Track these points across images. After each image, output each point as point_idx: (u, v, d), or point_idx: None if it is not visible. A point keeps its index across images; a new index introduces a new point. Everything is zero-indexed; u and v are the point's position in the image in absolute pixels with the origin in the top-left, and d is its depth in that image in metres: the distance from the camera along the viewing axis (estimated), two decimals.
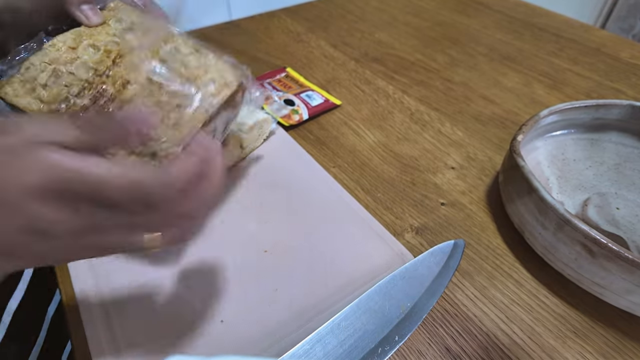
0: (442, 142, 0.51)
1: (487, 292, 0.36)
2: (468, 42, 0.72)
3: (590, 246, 0.31)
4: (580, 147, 0.47)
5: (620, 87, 0.60)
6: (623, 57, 0.67)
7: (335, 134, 0.53)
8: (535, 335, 0.33)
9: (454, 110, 0.56)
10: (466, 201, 0.44)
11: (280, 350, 0.31)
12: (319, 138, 0.52)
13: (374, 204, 0.44)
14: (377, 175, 0.47)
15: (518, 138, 0.40)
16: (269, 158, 0.49)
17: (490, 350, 0.32)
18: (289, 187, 0.45)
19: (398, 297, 0.32)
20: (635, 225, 0.39)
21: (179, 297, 0.35)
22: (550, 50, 0.69)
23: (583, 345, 0.32)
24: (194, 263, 0.37)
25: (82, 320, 0.33)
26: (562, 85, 0.61)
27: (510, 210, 0.39)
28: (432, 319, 0.34)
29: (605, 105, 0.44)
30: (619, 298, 0.32)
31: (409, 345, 0.32)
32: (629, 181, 0.44)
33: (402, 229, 0.41)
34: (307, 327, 0.33)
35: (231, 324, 0.33)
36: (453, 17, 0.80)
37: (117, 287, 0.36)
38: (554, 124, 0.45)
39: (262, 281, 0.36)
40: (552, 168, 0.45)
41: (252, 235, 0.40)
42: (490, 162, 0.48)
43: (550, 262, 0.35)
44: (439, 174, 0.47)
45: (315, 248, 0.39)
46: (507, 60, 0.67)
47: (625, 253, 0.29)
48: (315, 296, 0.35)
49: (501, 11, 0.82)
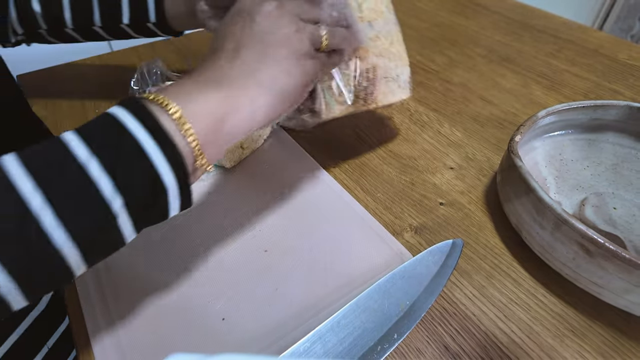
0: (441, 142, 0.52)
1: (485, 291, 0.36)
2: (466, 44, 0.72)
3: (587, 246, 0.31)
4: (578, 147, 0.47)
5: (618, 87, 0.61)
6: (621, 58, 0.67)
7: (335, 134, 0.53)
8: (533, 334, 0.33)
9: (452, 111, 0.57)
10: (465, 201, 0.44)
11: (280, 348, 0.31)
12: (319, 138, 0.52)
13: (373, 204, 0.44)
14: (377, 175, 0.47)
15: (516, 138, 0.40)
16: (269, 158, 0.49)
17: (489, 349, 0.32)
18: (289, 187, 0.45)
19: (397, 295, 0.33)
20: (632, 225, 0.39)
21: (181, 296, 0.35)
22: (548, 52, 0.69)
23: (581, 344, 0.32)
24: (195, 262, 0.38)
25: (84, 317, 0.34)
26: (560, 86, 0.61)
27: (508, 210, 0.39)
28: (430, 318, 0.34)
29: (603, 106, 0.44)
30: (617, 297, 0.32)
31: (407, 343, 0.32)
32: (626, 181, 0.44)
33: (401, 229, 0.41)
34: (307, 325, 0.33)
35: (232, 322, 0.33)
36: (451, 19, 0.81)
37: (119, 287, 0.36)
38: (551, 124, 0.46)
39: (263, 280, 0.36)
40: (549, 168, 0.45)
41: (252, 235, 0.40)
42: (488, 163, 0.49)
43: (548, 261, 0.36)
44: (438, 174, 0.47)
45: (315, 248, 0.39)
46: (505, 61, 0.67)
47: (622, 253, 0.30)
48: (315, 295, 0.35)
49: (499, 12, 0.82)
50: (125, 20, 0.49)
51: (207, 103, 0.27)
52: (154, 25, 0.49)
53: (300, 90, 0.31)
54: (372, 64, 0.40)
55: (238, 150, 0.47)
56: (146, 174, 0.24)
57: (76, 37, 0.51)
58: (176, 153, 0.25)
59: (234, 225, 0.41)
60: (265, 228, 0.41)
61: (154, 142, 0.24)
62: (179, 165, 0.25)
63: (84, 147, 0.23)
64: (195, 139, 0.26)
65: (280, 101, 0.30)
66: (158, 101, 0.25)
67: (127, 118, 0.24)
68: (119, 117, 0.24)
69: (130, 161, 0.24)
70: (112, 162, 0.23)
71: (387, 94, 0.42)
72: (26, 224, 0.21)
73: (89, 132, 0.24)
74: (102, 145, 0.23)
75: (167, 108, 0.25)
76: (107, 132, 0.24)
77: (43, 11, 0.47)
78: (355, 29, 0.35)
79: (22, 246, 0.21)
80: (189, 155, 0.26)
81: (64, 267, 0.23)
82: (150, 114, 0.25)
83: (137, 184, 0.24)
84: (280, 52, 0.29)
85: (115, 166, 0.23)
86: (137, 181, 0.24)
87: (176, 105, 0.25)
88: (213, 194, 0.44)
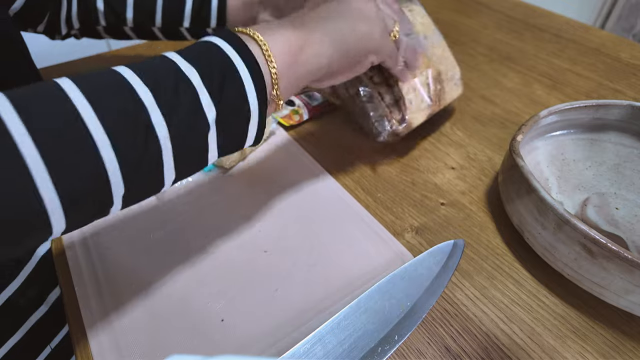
0: (442, 142, 0.51)
1: (486, 292, 0.36)
2: (468, 42, 0.72)
3: (589, 246, 0.31)
4: (580, 147, 0.47)
5: (620, 87, 0.60)
6: (623, 57, 0.67)
7: (336, 134, 0.53)
8: (535, 335, 0.33)
9: (453, 111, 0.57)
10: (466, 201, 0.44)
11: (280, 350, 0.31)
12: (319, 138, 0.52)
13: (374, 204, 0.44)
14: (377, 176, 0.47)
15: (517, 138, 0.40)
16: (269, 158, 0.49)
17: (490, 350, 0.32)
18: (289, 188, 0.45)
19: (398, 296, 0.33)
20: (634, 225, 0.39)
21: (180, 297, 0.35)
22: (550, 51, 0.69)
23: (583, 345, 0.32)
24: (194, 263, 0.38)
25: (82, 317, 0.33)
26: (562, 86, 0.61)
27: (510, 210, 0.39)
28: (431, 319, 0.34)
29: (605, 105, 0.44)
30: (619, 298, 0.32)
31: (408, 344, 0.32)
32: (628, 181, 0.44)
33: (402, 229, 0.41)
34: (307, 326, 0.33)
35: (231, 323, 0.33)
36: (453, 17, 0.80)
37: (118, 287, 0.36)
38: (553, 124, 0.45)
39: (262, 281, 0.36)
40: (551, 168, 0.45)
41: (252, 235, 0.40)
42: (489, 162, 0.48)
43: (550, 262, 0.35)
44: (439, 174, 0.47)
45: (315, 248, 0.39)
46: (507, 60, 0.67)
47: (624, 253, 0.29)
48: (315, 296, 0.35)
49: (501, 11, 0.82)
50: (186, 24, 0.51)
51: (284, 37, 0.31)
52: (212, 30, 0.51)
53: (361, 56, 0.35)
54: (437, 69, 0.47)
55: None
56: (237, 91, 0.28)
57: (132, 36, 0.54)
58: (260, 77, 0.29)
59: (233, 225, 0.41)
60: (265, 228, 0.41)
61: (244, 65, 0.28)
62: (261, 88, 0.29)
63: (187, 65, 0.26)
64: (274, 66, 0.29)
65: (339, 55, 0.33)
66: (249, 33, 0.30)
67: (224, 44, 0.28)
68: (217, 43, 0.28)
69: (225, 80, 0.27)
70: (211, 79, 0.26)
71: (451, 92, 0.49)
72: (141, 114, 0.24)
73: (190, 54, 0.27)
74: (204, 65, 0.27)
75: (255, 37, 0.29)
76: (206, 54, 0.28)
77: (106, 9, 0.50)
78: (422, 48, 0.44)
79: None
80: (268, 83, 0.30)
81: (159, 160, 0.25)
82: (243, 42, 0.29)
83: (230, 100, 0.27)
84: (354, 14, 0.34)
85: (212, 81, 0.26)
86: (230, 97, 0.27)
87: (261, 36, 0.29)
88: (213, 194, 0.44)
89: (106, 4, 0.50)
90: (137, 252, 0.38)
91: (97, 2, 0.49)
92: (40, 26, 0.51)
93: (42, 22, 0.51)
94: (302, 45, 0.31)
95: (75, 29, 0.53)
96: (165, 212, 0.42)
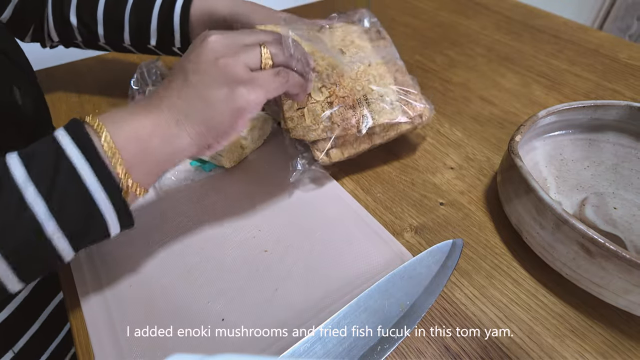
0: (441, 142, 0.52)
1: (485, 291, 0.36)
2: (467, 43, 0.72)
3: (587, 246, 0.31)
4: (578, 147, 0.47)
5: (618, 87, 0.61)
6: (621, 58, 0.67)
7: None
8: (533, 334, 0.33)
9: (452, 111, 0.57)
10: (465, 201, 0.44)
11: (280, 349, 0.31)
12: None
13: (373, 204, 0.44)
14: (377, 175, 0.47)
15: (516, 138, 0.40)
16: (269, 158, 0.49)
17: (489, 349, 0.32)
18: (288, 188, 0.45)
19: (397, 295, 0.33)
20: (632, 225, 0.39)
21: (181, 296, 0.35)
22: (549, 51, 0.69)
23: (581, 344, 0.32)
24: (195, 262, 0.38)
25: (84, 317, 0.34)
26: (560, 86, 0.61)
27: (509, 210, 0.39)
28: (431, 318, 0.34)
29: (603, 105, 0.44)
30: (617, 297, 0.32)
31: (408, 343, 0.32)
32: (626, 181, 0.44)
33: (401, 229, 0.41)
34: (307, 325, 0.33)
35: (232, 323, 0.33)
36: (452, 18, 0.81)
37: (118, 287, 0.36)
38: (552, 124, 0.46)
39: (263, 281, 0.36)
40: (550, 168, 0.45)
41: (252, 235, 0.40)
42: (488, 162, 0.49)
43: (549, 261, 0.36)
44: (438, 174, 0.47)
45: (315, 248, 0.39)
46: (505, 61, 0.67)
47: (622, 252, 0.30)
48: (314, 295, 0.35)
49: (500, 12, 0.82)
50: (152, 43, 0.52)
51: (131, 126, 0.29)
52: (178, 49, 0.52)
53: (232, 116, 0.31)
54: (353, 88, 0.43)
55: (238, 150, 0.47)
56: (80, 198, 0.26)
57: (108, 49, 0.55)
58: (110, 178, 0.27)
59: (234, 225, 0.41)
60: (265, 228, 0.41)
61: (90, 168, 0.26)
62: (113, 189, 0.27)
63: (22, 170, 0.25)
64: (122, 162, 0.28)
65: (207, 128, 0.31)
66: (94, 126, 0.28)
67: (67, 143, 0.27)
68: (60, 142, 0.27)
69: (65, 186, 0.26)
70: (47, 187, 0.25)
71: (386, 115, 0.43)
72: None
73: (30, 156, 0.26)
74: (40, 171, 0.26)
75: (99, 130, 0.28)
76: (48, 157, 0.26)
77: (79, 24, 0.51)
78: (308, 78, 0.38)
79: None
80: (115, 175, 0.28)
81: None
82: (90, 140, 0.27)
83: (72, 208, 0.26)
84: (205, 80, 0.31)
85: (50, 191, 0.25)
86: (72, 205, 0.26)
87: (106, 131, 0.28)
88: (213, 194, 0.44)
89: (79, 19, 0.50)
90: (137, 251, 0.38)
91: (70, 17, 0.50)
92: (27, 37, 0.53)
93: (28, 35, 0.52)
94: (150, 133, 0.29)
95: (55, 42, 0.54)
96: (165, 212, 0.42)
